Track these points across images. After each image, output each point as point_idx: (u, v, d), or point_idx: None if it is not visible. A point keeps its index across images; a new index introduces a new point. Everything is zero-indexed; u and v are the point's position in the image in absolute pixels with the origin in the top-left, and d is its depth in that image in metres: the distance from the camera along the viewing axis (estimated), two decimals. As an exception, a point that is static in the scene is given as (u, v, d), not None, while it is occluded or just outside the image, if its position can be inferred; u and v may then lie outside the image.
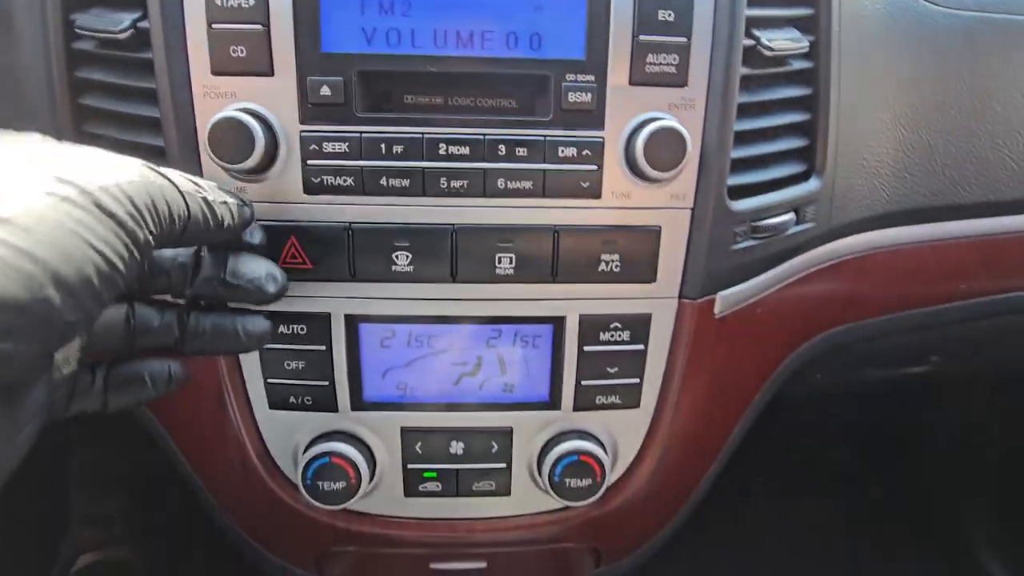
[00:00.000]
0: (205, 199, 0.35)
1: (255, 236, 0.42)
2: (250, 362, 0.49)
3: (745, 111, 0.48)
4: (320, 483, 0.49)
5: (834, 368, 0.78)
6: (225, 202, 0.37)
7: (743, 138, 0.48)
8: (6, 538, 1.03)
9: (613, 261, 0.47)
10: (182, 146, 0.43)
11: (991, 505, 1.17)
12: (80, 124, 0.48)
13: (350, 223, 0.45)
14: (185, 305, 0.41)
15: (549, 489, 0.51)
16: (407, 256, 0.46)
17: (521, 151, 0.44)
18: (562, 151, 0.44)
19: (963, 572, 1.16)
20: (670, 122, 0.43)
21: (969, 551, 1.16)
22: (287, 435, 0.51)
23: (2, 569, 1.03)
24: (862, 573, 1.18)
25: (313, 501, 0.50)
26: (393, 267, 0.46)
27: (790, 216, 0.51)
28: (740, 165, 0.49)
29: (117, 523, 1.08)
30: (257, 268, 0.40)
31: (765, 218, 0.50)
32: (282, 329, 0.48)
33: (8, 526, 1.04)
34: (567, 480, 0.50)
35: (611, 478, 0.53)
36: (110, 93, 0.46)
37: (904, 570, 1.19)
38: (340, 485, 0.49)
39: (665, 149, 0.43)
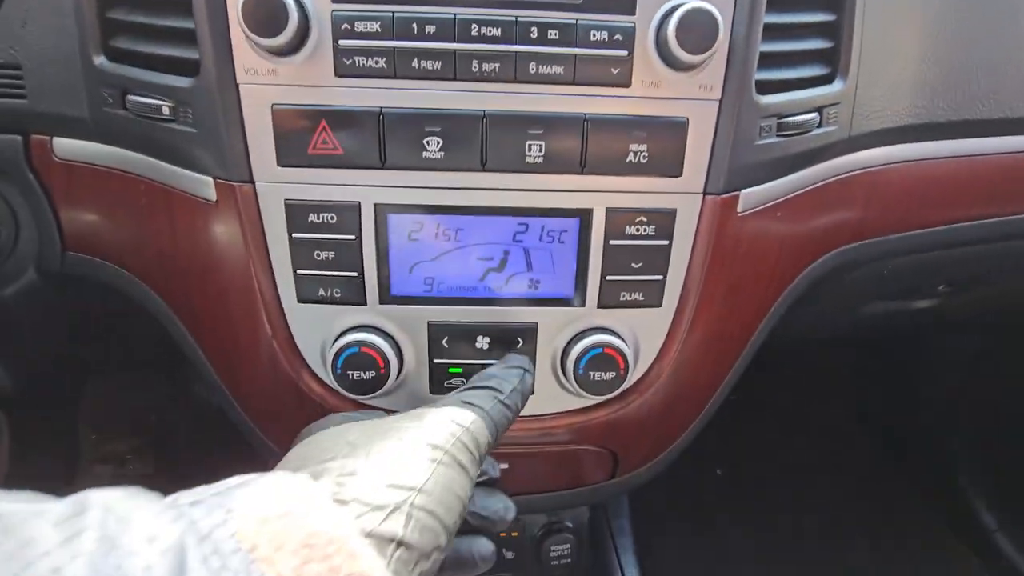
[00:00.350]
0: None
1: (495, 470, 0.47)
2: (279, 253, 0.49)
3: (774, 5, 0.48)
4: (350, 372, 0.50)
5: (841, 297, 0.80)
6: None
7: (771, 33, 0.49)
8: (21, 479, 1.05)
9: (641, 152, 0.48)
10: (212, 20, 0.43)
11: (987, 458, 1.20)
12: (108, 39, 0.47)
13: (381, 107, 0.45)
14: None
15: (573, 382, 0.52)
16: (438, 142, 0.46)
17: (553, 34, 0.44)
18: (594, 35, 0.44)
19: (962, 527, 1.19)
20: (702, 3, 0.43)
21: (968, 508, 1.19)
22: (315, 329, 0.52)
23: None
24: (859, 529, 1.21)
25: (343, 391, 0.51)
26: (423, 153, 0.46)
27: (814, 116, 0.52)
28: (767, 61, 0.49)
29: (129, 461, 1.10)
30: (498, 502, 0.45)
31: (790, 115, 0.50)
32: (312, 218, 0.48)
33: (20, 466, 1.05)
34: (591, 373, 0.51)
35: (632, 377, 0.54)
36: None
37: (902, 525, 1.22)
38: (370, 375, 0.50)
39: (697, 32, 0.43)
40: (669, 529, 1.12)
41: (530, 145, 0.46)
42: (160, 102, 0.46)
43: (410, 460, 0.34)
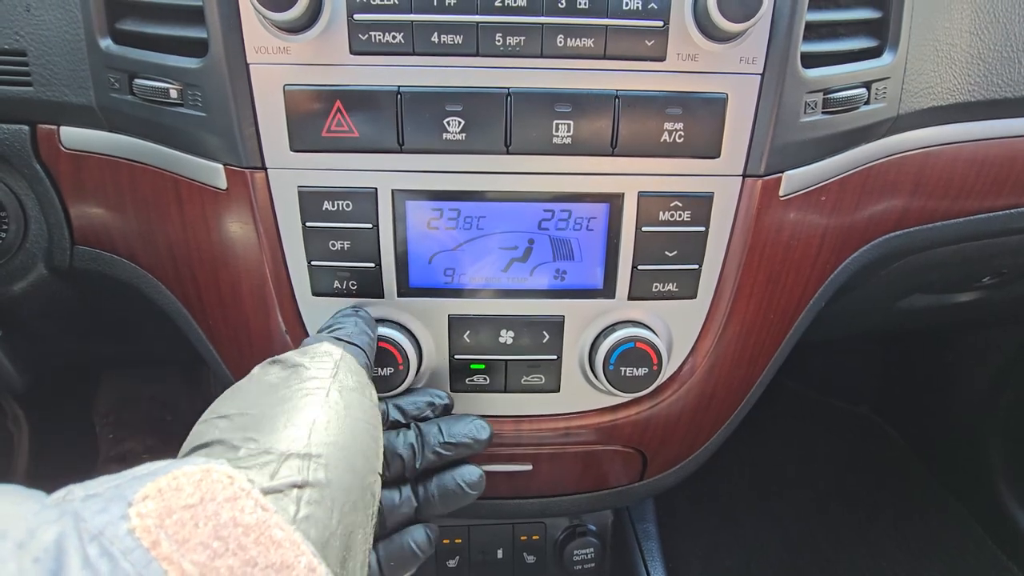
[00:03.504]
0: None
1: (445, 398, 0.48)
2: (293, 244, 0.47)
3: (820, -30, 0.44)
4: (367, 369, 0.47)
5: (881, 290, 0.75)
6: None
7: (816, 1, 0.45)
8: (39, 475, 1.04)
9: (676, 132, 0.44)
10: (222, -3, 0.41)
11: (1017, 450, 1.15)
12: (114, 21, 0.46)
13: (399, 86, 0.42)
14: (416, 478, 0.46)
15: (603, 379, 0.49)
16: (459, 123, 0.43)
17: (582, 4, 0.41)
18: (626, 4, 0.41)
19: (997, 532, 1.14)
20: (745, -33, 0.39)
21: (1005, 512, 1.14)
22: (331, 323, 0.49)
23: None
24: (889, 531, 1.16)
25: (359, 388, 0.48)
26: (444, 135, 0.43)
27: (862, 91, 0.48)
28: (812, 32, 0.46)
29: (145, 460, 1.09)
30: (466, 423, 0.46)
31: (837, 91, 0.47)
32: (327, 206, 0.45)
33: (41, 464, 1.05)
34: (623, 369, 0.48)
35: (665, 373, 0.51)
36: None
37: (935, 527, 1.17)
38: (388, 371, 0.47)
39: (739, -2, 0.40)
40: (695, 532, 1.08)
41: (557, 125, 0.43)
42: (168, 85, 0.44)
43: (295, 407, 0.33)
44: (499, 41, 0.41)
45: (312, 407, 0.33)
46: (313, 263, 0.47)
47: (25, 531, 0.22)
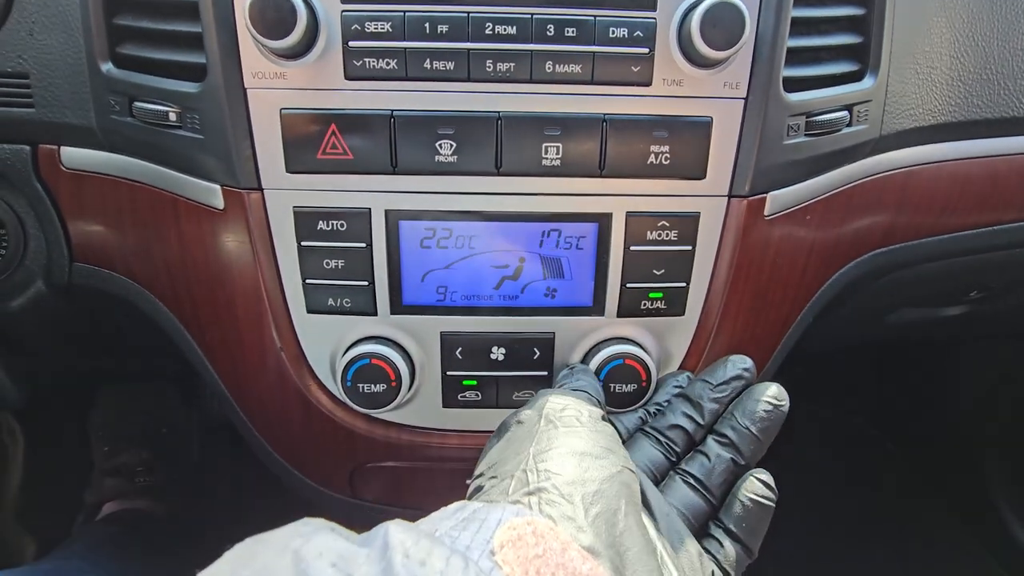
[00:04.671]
0: None
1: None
2: (288, 263, 0.48)
3: (801, -1, 0.46)
4: (360, 385, 0.48)
5: (869, 304, 0.76)
6: None
7: (798, 28, 0.46)
8: (33, 488, 1.04)
9: (663, 154, 0.45)
10: (219, 23, 0.42)
11: (1013, 461, 1.15)
12: (115, 46, 0.47)
13: (392, 110, 0.44)
14: (712, 434, 0.44)
15: (593, 395, 0.50)
16: (451, 145, 0.44)
17: (570, 32, 0.42)
18: (613, 32, 0.43)
19: (992, 542, 1.14)
20: (727, -3, 0.41)
21: (1000, 523, 1.14)
22: (325, 340, 0.50)
23: (31, 516, 1.04)
24: (884, 542, 1.17)
25: (353, 404, 0.49)
26: (436, 157, 0.44)
27: (843, 114, 0.49)
28: (794, 57, 0.47)
29: (139, 473, 1.09)
30: (723, 364, 0.45)
31: (819, 114, 0.48)
32: (321, 225, 0.46)
33: (35, 477, 1.05)
34: (612, 385, 0.49)
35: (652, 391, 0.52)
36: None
37: (930, 539, 1.18)
38: (381, 387, 0.48)
39: (722, 26, 0.41)
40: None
41: (547, 147, 0.45)
42: (167, 108, 0.45)
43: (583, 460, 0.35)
44: (490, 67, 0.43)
45: (530, 436, 0.36)
46: (308, 281, 0.48)
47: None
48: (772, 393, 0.42)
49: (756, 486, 0.41)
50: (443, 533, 0.29)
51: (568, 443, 0.35)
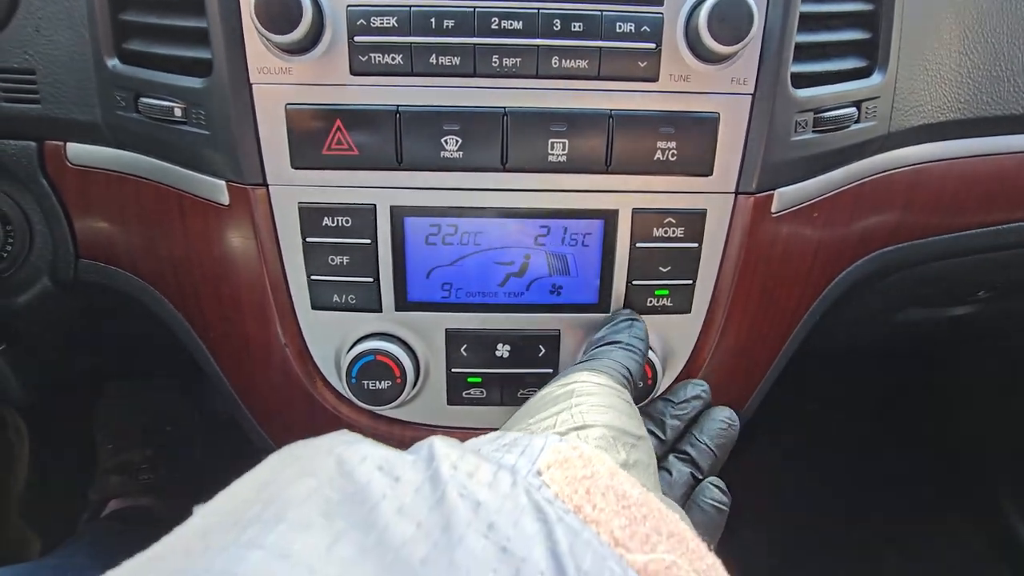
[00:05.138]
0: None
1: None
2: (293, 259, 0.48)
3: (809, -6, 0.46)
4: (365, 382, 0.48)
5: (876, 303, 0.76)
6: None
7: (806, 24, 0.46)
8: (39, 485, 1.04)
9: (669, 150, 0.45)
10: (225, 18, 0.42)
11: (1019, 466, 1.14)
12: (121, 41, 0.47)
13: (398, 106, 0.43)
14: (674, 452, 0.47)
15: (598, 393, 0.49)
16: (456, 141, 0.44)
17: (577, 27, 0.42)
18: (620, 27, 0.42)
19: (1000, 545, 1.13)
20: (736, -9, 0.40)
21: (1008, 525, 1.13)
22: (330, 337, 0.50)
23: (36, 513, 1.04)
24: (890, 544, 1.16)
25: (358, 401, 0.49)
26: (441, 153, 0.44)
27: (852, 110, 0.49)
28: (802, 53, 0.47)
29: (143, 471, 1.09)
30: (682, 387, 0.49)
31: (827, 110, 0.48)
32: (326, 222, 0.46)
33: (40, 474, 1.05)
34: (617, 383, 0.49)
35: (660, 386, 0.51)
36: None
37: (936, 541, 1.17)
38: (385, 384, 0.48)
39: (729, 21, 0.41)
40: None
41: (552, 143, 0.44)
42: (172, 104, 0.45)
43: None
44: (496, 62, 0.43)
45: (567, 396, 0.37)
46: (313, 277, 0.48)
47: (507, 487, 0.24)
48: (727, 415, 0.47)
49: (714, 492, 0.44)
50: (487, 453, 0.28)
51: (605, 401, 0.37)
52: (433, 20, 0.42)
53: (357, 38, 0.42)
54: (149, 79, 0.46)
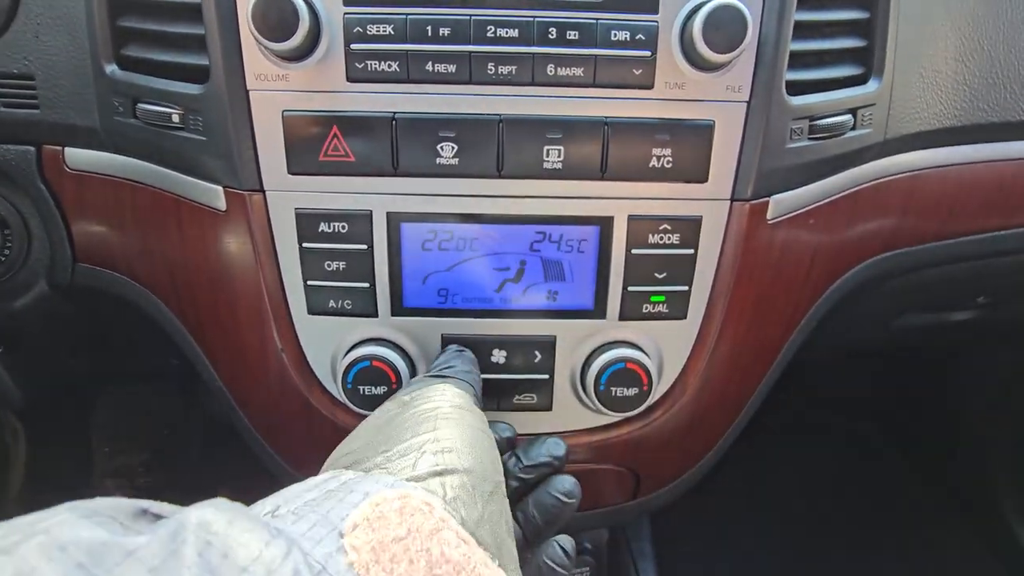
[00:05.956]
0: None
1: (510, 431, 0.48)
2: (290, 265, 0.48)
3: (804, 1, 0.46)
4: (361, 387, 0.48)
5: (874, 309, 0.76)
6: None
7: (801, 31, 0.46)
8: (35, 488, 1.04)
9: (664, 157, 0.45)
10: (222, 25, 0.42)
11: (1018, 465, 1.14)
12: (119, 47, 0.47)
13: (394, 113, 0.44)
14: (513, 507, 0.45)
15: (594, 399, 0.49)
16: (452, 148, 0.44)
17: (572, 35, 0.42)
18: (615, 35, 0.42)
19: (997, 546, 1.13)
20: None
21: (1005, 526, 1.13)
22: (326, 342, 0.50)
23: (30, 516, 1.04)
24: (889, 547, 1.15)
25: (353, 406, 0.49)
26: (438, 159, 0.44)
27: (847, 117, 0.49)
28: (797, 61, 0.47)
29: (140, 474, 1.09)
30: (540, 445, 0.46)
31: (822, 117, 0.48)
32: (323, 227, 0.46)
33: (37, 476, 1.05)
34: (613, 389, 0.49)
35: (656, 393, 0.51)
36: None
37: (934, 542, 1.16)
38: (381, 390, 0.48)
39: (724, 29, 0.41)
40: (692, 553, 1.07)
41: (548, 150, 0.45)
42: (170, 110, 0.46)
43: (416, 423, 0.36)
44: (491, 70, 0.43)
45: (431, 420, 0.36)
46: (309, 283, 0.48)
47: (264, 569, 0.21)
48: (565, 490, 0.44)
49: (555, 552, 0.43)
50: (293, 509, 0.26)
51: (469, 436, 0.35)
52: (429, 28, 0.42)
53: (353, 45, 0.42)
54: (147, 85, 0.46)
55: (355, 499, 0.26)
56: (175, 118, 0.46)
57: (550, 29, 0.42)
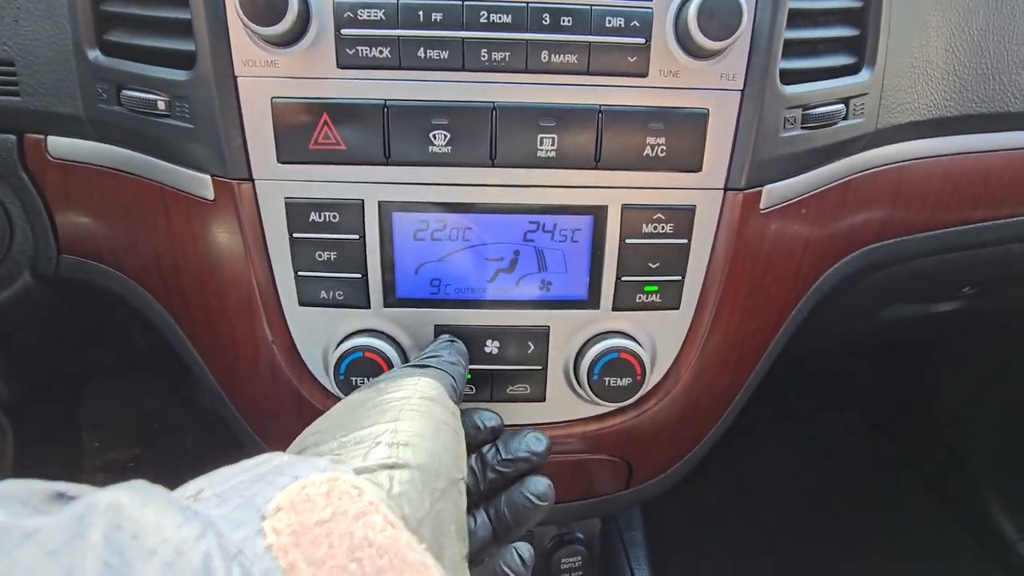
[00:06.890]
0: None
1: (493, 420, 0.46)
2: (280, 255, 0.47)
3: (798, -10, 0.46)
4: (353, 379, 0.47)
5: (862, 299, 0.77)
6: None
7: (795, 20, 0.46)
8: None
9: (658, 146, 0.45)
10: (209, 9, 0.41)
11: (1009, 466, 1.16)
12: (103, 33, 0.46)
13: (385, 100, 0.43)
14: (487, 500, 0.45)
15: (588, 389, 0.49)
16: (445, 136, 0.44)
17: (566, 21, 0.42)
18: (609, 22, 0.42)
19: (982, 537, 1.15)
20: (725, -13, 0.40)
21: (989, 517, 1.15)
22: (317, 333, 0.49)
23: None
24: (877, 539, 1.17)
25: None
26: (430, 148, 0.44)
27: (840, 107, 0.49)
28: (791, 49, 0.47)
29: (130, 469, 1.08)
30: (521, 438, 0.45)
31: (815, 106, 0.48)
32: (313, 217, 0.46)
33: (25, 471, 1.03)
34: (607, 379, 0.49)
35: (649, 383, 0.51)
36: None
37: (921, 534, 1.18)
38: (373, 381, 0.47)
39: (719, 17, 0.40)
40: (683, 542, 1.08)
41: (542, 138, 0.44)
42: (155, 96, 0.45)
43: (380, 412, 0.35)
44: (484, 56, 0.42)
45: (395, 410, 0.36)
46: (300, 273, 0.47)
47: (173, 551, 0.21)
48: (538, 492, 0.44)
49: (511, 559, 0.43)
50: (218, 492, 0.25)
51: (430, 428, 0.35)
52: (421, 13, 0.41)
53: (344, 31, 0.41)
54: (131, 71, 0.45)
55: (283, 482, 0.26)
56: (161, 105, 0.45)
57: (544, 15, 0.42)
